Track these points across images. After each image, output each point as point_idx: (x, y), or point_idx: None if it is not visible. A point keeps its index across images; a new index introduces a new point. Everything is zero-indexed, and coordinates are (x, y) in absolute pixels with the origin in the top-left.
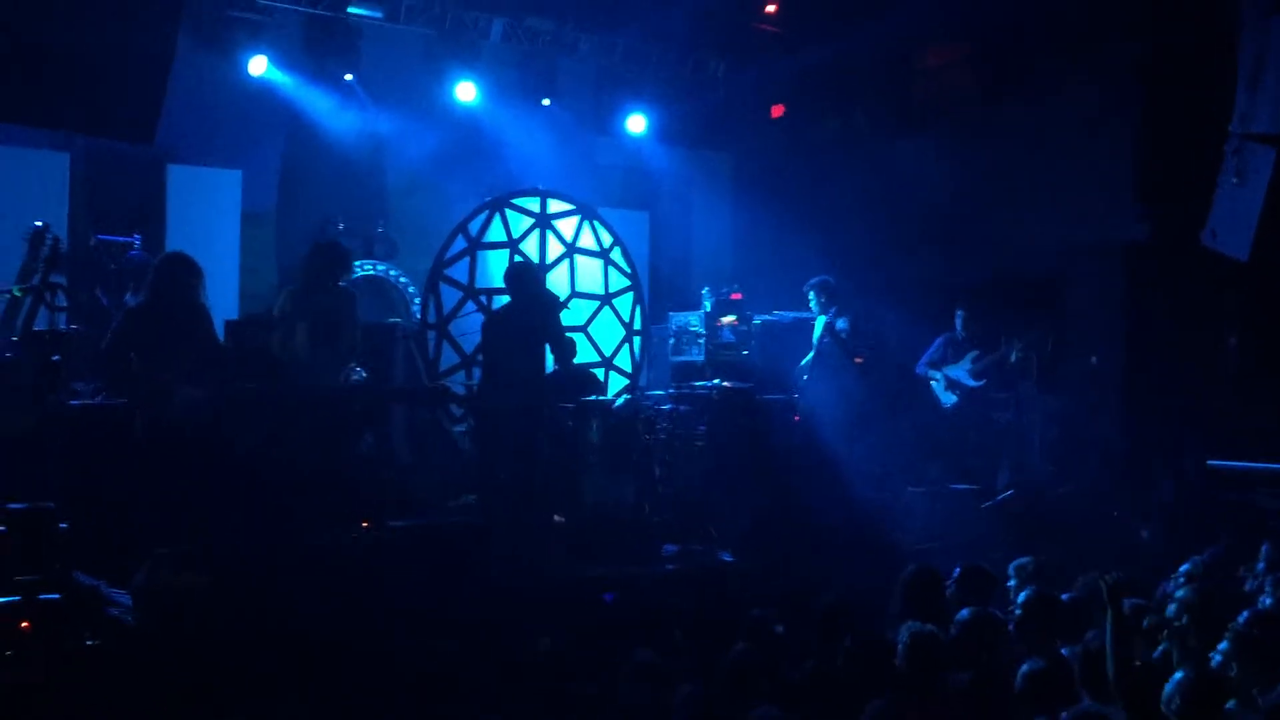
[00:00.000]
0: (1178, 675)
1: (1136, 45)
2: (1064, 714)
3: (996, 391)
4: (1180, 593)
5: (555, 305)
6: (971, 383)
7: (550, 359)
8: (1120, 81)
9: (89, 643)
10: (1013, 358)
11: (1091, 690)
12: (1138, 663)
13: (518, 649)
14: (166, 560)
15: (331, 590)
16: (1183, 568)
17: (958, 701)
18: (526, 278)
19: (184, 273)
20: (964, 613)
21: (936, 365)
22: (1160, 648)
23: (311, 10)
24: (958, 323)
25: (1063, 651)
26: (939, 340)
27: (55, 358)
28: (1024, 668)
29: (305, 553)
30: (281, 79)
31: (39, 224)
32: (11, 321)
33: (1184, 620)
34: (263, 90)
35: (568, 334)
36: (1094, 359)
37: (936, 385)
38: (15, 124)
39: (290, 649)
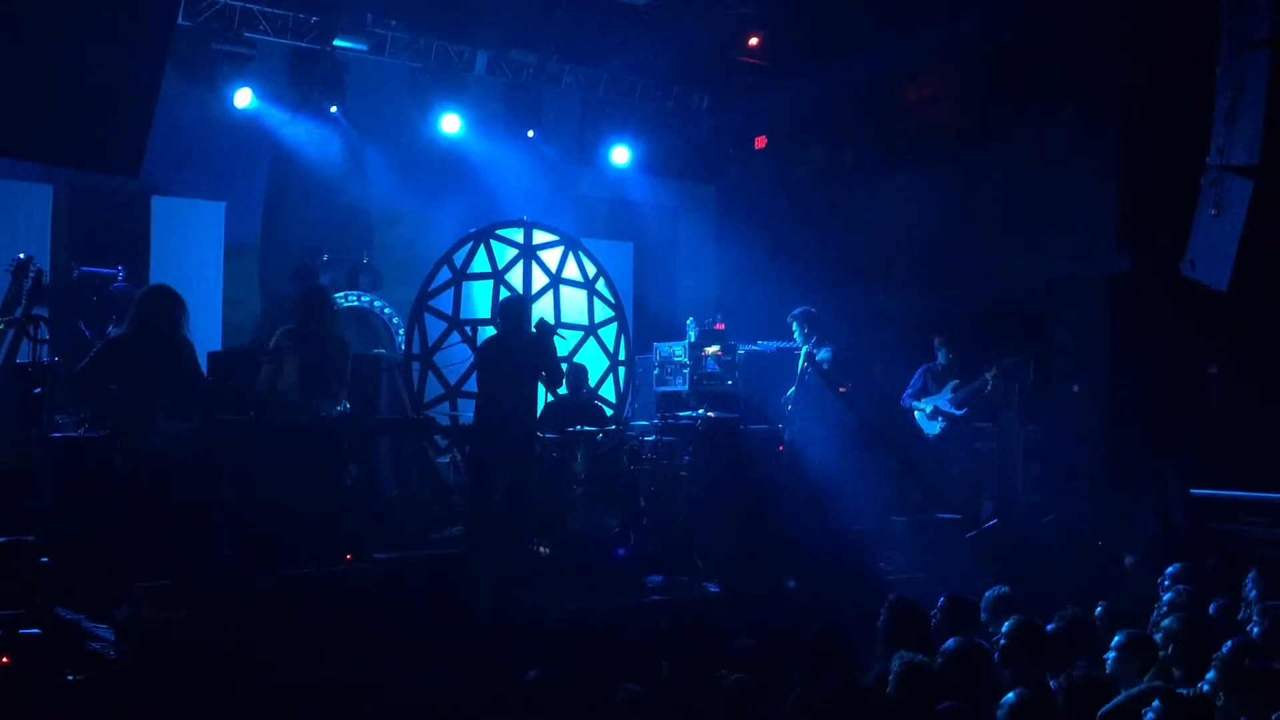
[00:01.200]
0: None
1: (1117, 80)
2: None
3: (979, 421)
4: (1165, 622)
5: (550, 334)
6: (954, 411)
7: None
8: (1101, 115)
9: (70, 678)
10: (989, 384)
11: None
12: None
13: (503, 681)
14: (148, 595)
15: (315, 623)
16: (1165, 596)
17: None
18: (522, 310)
19: (166, 305)
20: (950, 642)
21: (918, 396)
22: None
23: (297, 43)
24: (937, 351)
25: (1050, 683)
26: (919, 371)
27: (37, 390)
28: (1008, 697)
29: (289, 586)
30: (267, 111)
31: (22, 256)
32: None
33: (1169, 650)
34: (248, 122)
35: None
36: (1076, 387)
37: (920, 416)
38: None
39: (273, 683)
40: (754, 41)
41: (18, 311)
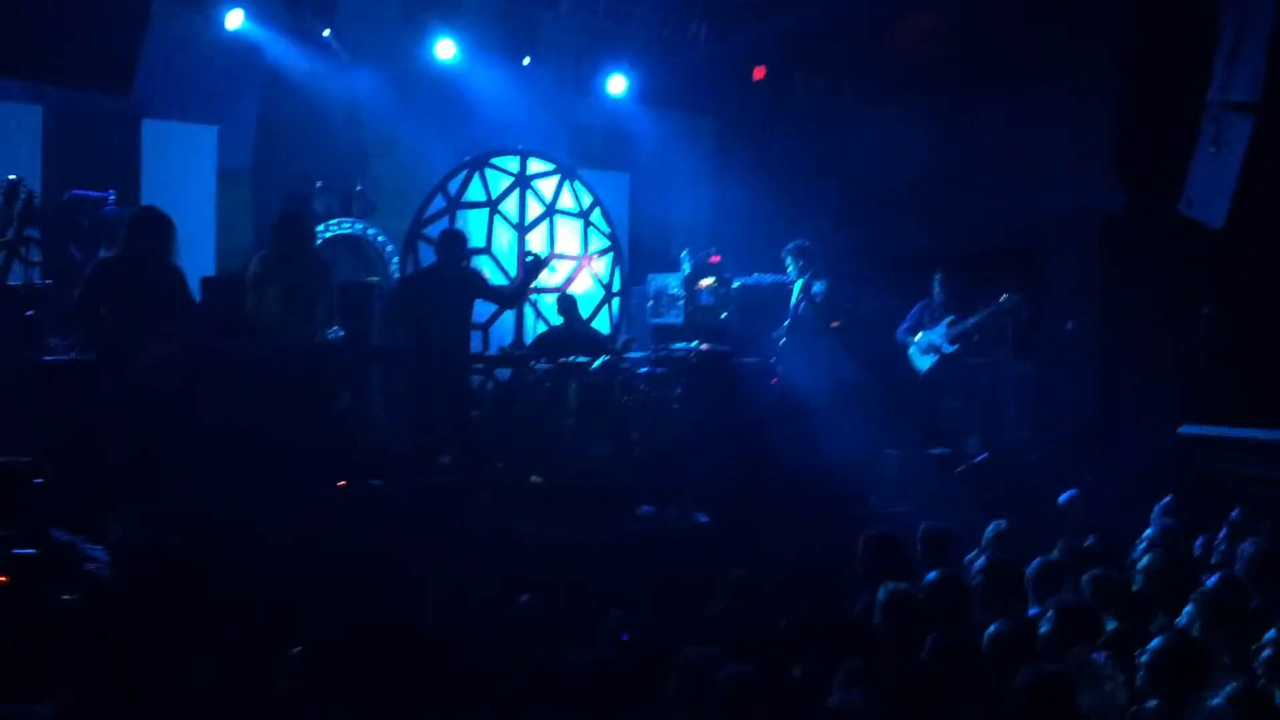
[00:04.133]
0: (1154, 642)
1: (1115, 16)
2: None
3: (972, 357)
4: (1144, 560)
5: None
6: (948, 347)
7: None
8: (1099, 53)
9: (64, 598)
10: (980, 319)
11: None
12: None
13: (495, 607)
14: (140, 518)
15: (307, 550)
16: (1146, 533)
17: (931, 662)
18: (462, 242)
19: (156, 229)
20: (932, 574)
21: (914, 332)
22: None
23: None
24: (934, 287)
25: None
26: (917, 306)
27: (29, 313)
28: (990, 629)
29: (281, 512)
30: (259, 34)
31: (12, 177)
32: None
33: (1148, 585)
34: (240, 45)
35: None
36: (1069, 325)
37: (913, 350)
38: None
39: (263, 607)
40: None
41: (9, 233)
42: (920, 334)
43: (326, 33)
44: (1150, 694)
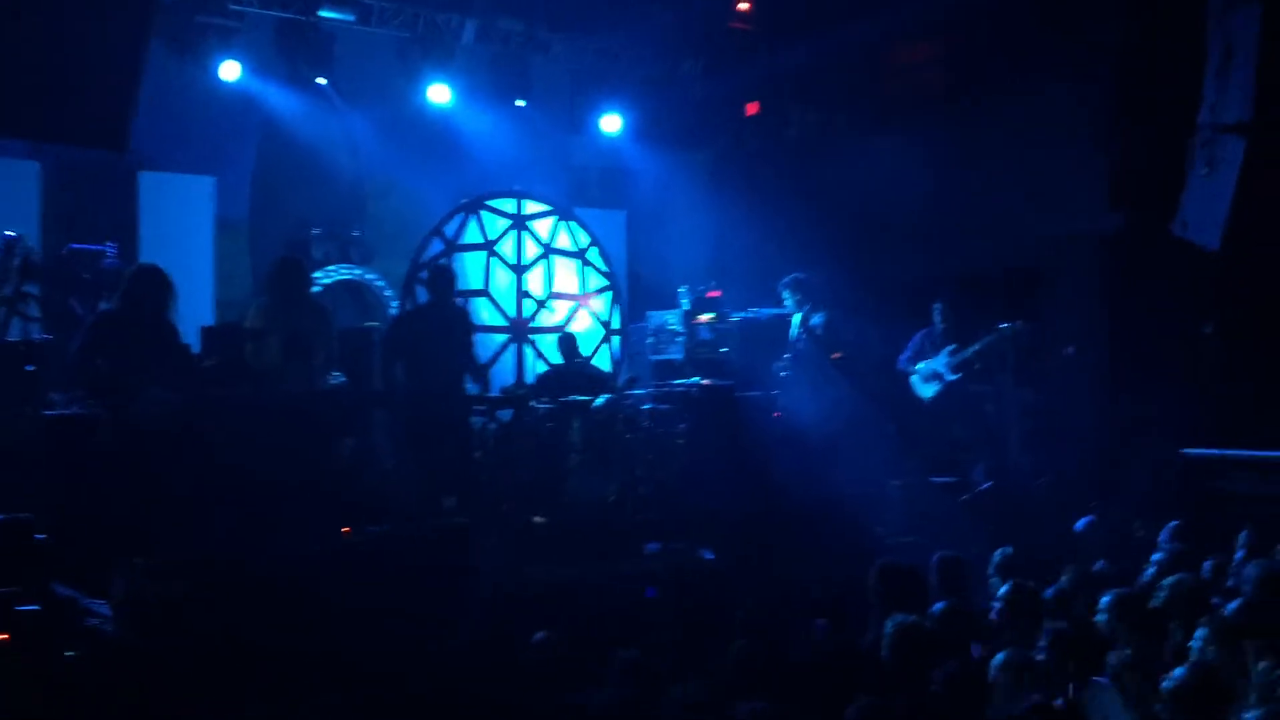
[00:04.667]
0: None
1: (1106, 38)
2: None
3: (975, 385)
4: (1165, 581)
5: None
6: (950, 375)
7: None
8: (1091, 74)
9: (67, 654)
10: (981, 347)
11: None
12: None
13: (504, 648)
14: (142, 569)
15: (312, 596)
16: (1154, 556)
17: (941, 695)
18: (454, 279)
19: (154, 285)
20: (938, 605)
21: (915, 360)
22: None
23: (282, 14)
24: (935, 316)
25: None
26: (917, 336)
27: (29, 368)
28: (997, 658)
29: (286, 559)
30: (255, 84)
31: (10, 234)
32: None
33: (1167, 607)
34: (235, 95)
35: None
36: (1070, 350)
37: (915, 379)
38: None
39: (270, 657)
40: (744, 6)
41: (8, 289)
42: (922, 363)
43: (322, 81)
44: None
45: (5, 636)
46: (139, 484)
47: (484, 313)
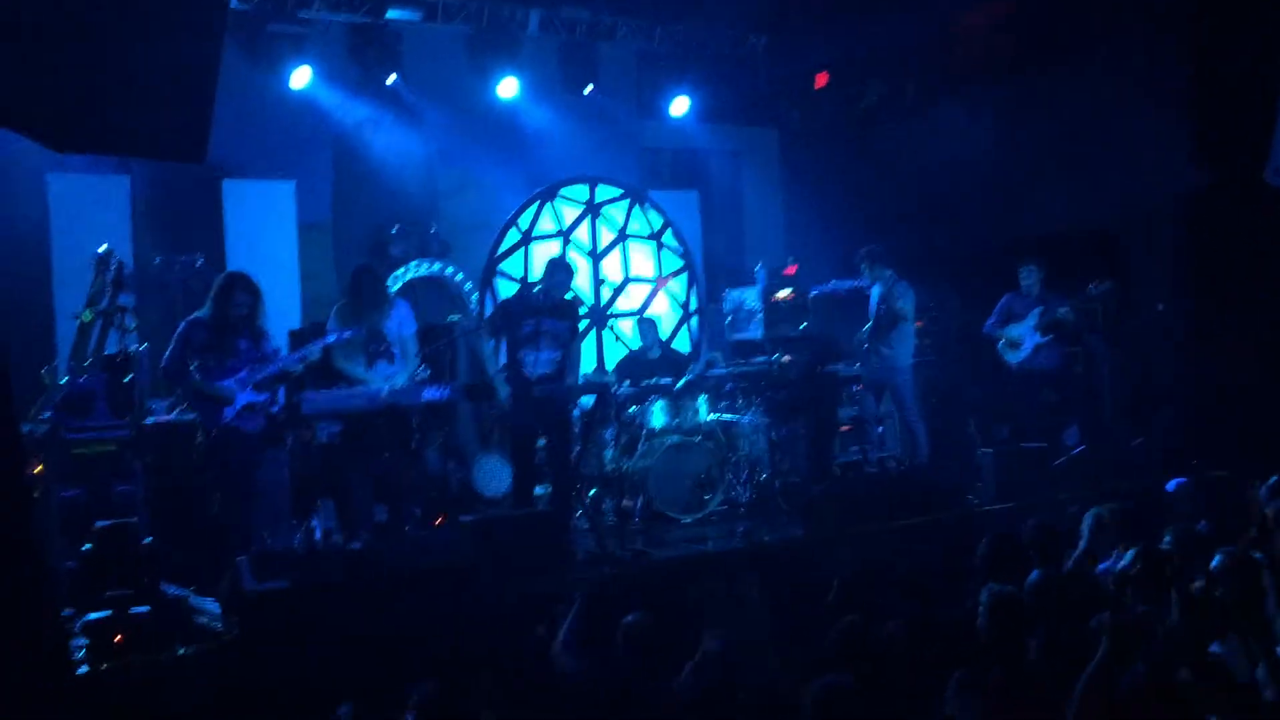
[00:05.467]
0: None
1: None
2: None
3: (1065, 346)
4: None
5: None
6: (1039, 338)
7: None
8: (1170, 28)
9: (180, 652)
10: (1071, 313)
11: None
12: None
13: (601, 629)
14: (246, 566)
15: (408, 583)
16: (1266, 511)
17: (1039, 668)
18: (570, 270)
19: (241, 291)
20: (1035, 574)
21: (1002, 324)
22: None
23: (351, 18)
24: (1022, 278)
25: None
26: (1004, 299)
27: (127, 379)
28: (1102, 616)
29: (383, 550)
30: (327, 88)
31: (103, 248)
32: (83, 347)
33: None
34: (310, 100)
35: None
36: (1160, 306)
37: (1003, 344)
38: (72, 153)
39: (375, 644)
40: None
41: (103, 303)
42: (1010, 326)
43: (392, 79)
44: None
45: (120, 638)
46: (228, 484)
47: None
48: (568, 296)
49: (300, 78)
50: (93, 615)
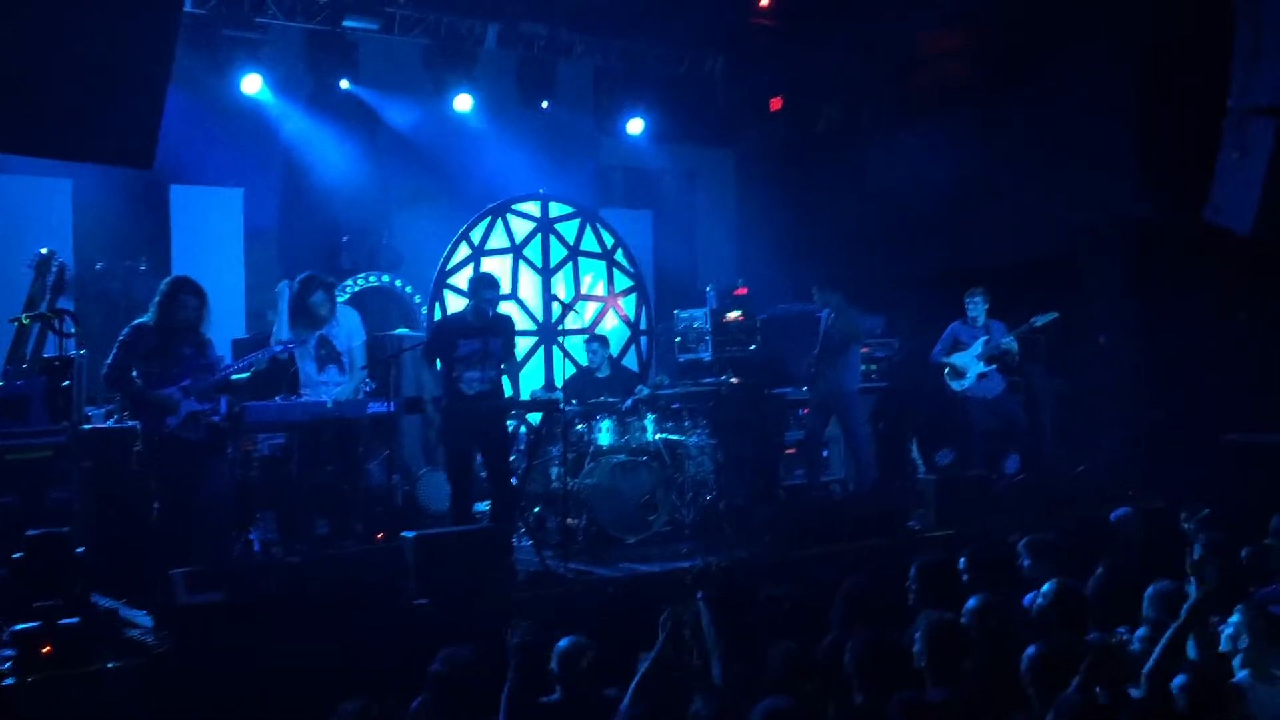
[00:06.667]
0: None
1: (1135, 25)
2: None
3: (1008, 375)
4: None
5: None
6: (983, 367)
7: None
8: (1119, 59)
9: (110, 665)
10: (1011, 344)
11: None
12: None
13: (537, 651)
14: (181, 579)
15: (347, 601)
16: (1197, 543)
17: (975, 691)
18: (492, 285)
19: (188, 294)
20: (972, 600)
21: (947, 352)
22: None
23: (306, 25)
24: (968, 307)
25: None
26: (951, 327)
27: (65, 383)
28: (1029, 650)
29: (321, 565)
30: (281, 95)
31: (44, 251)
32: (20, 349)
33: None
34: (262, 108)
35: (579, 334)
36: (1102, 338)
37: (948, 371)
38: (13, 154)
39: (311, 663)
40: (765, 2)
41: (43, 306)
42: (956, 354)
43: (345, 84)
44: None
45: (48, 649)
46: (165, 493)
47: (512, 317)
48: (499, 310)
49: (252, 84)
50: (21, 625)
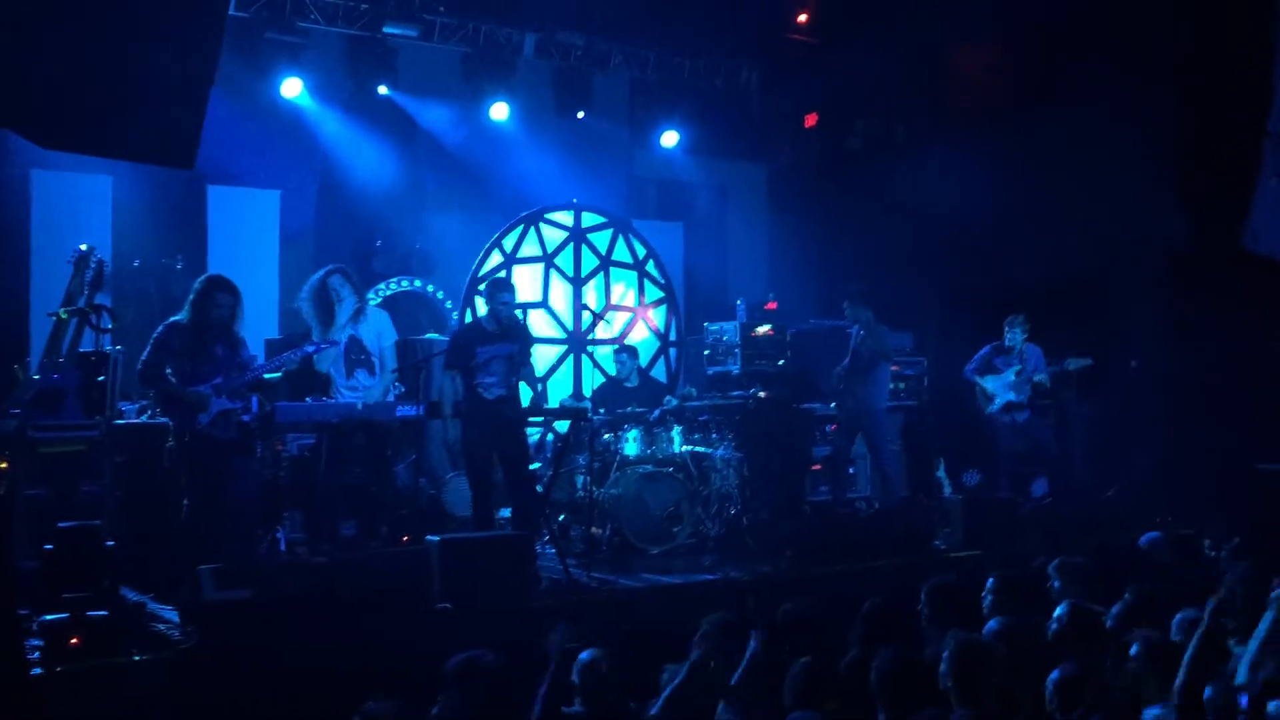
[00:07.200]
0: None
1: (1173, 45)
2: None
3: (1039, 399)
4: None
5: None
6: (1013, 395)
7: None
8: (1157, 82)
9: (136, 658)
10: (1044, 381)
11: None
12: None
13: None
14: (209, 575)
15: (373, 601)
16: (1229, 572)
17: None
18: (507, 289)
19: (221, 294)
20: (994, 622)
21: (981, 373)
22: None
23: (347, 31)
24: (1006, 333)
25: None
26: (986, 348)
27: (101, 378)
28: (1053, 674)
29: (348, 566)
30: (320, 99)
31: (83, 247)
32: (57, 344)
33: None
34: (300, 111)
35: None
36: (1134, 363)
37: (980, 391)
38: (58, 151)
39: (334, 663)
40: (802, 18)
41: (80, 301)
42: (989, 377)
43: (384, 90)
44: None
45: (76, 640)
46: (195, 490)
47: (542, 325)
48: (515, 314)
49: (292, 88)
50: (50, 616)
